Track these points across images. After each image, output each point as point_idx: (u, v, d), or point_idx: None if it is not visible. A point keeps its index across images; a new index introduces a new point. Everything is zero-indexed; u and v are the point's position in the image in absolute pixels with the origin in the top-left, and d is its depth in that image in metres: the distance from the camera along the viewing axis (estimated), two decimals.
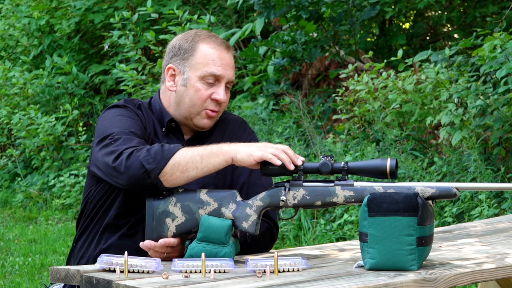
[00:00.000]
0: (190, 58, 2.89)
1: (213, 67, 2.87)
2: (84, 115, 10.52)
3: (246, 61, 9.18)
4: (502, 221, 3.36)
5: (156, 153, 2.63)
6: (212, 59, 2.87)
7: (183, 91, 2.89)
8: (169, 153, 2.64)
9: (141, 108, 2.95)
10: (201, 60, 2.88)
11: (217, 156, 2.64)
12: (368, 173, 2.54)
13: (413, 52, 8.90)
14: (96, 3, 10.37)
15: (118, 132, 2.75)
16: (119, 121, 2.82)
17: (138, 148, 2.67)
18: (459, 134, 5.94)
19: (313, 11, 8.25)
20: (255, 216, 2.62)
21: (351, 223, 6.28)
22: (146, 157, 2.63)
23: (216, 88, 2.88)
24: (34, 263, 6.33)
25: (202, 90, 2.87)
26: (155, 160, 2.62)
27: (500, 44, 5.86)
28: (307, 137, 7.78)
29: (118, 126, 2.79)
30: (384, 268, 2.40)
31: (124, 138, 2.73)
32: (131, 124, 2.82)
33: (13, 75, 10.16)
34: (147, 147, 2.66)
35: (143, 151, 2.64)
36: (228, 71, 2.90)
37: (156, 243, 2.65)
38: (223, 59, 2.89)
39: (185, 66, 2.89)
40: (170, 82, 2.93)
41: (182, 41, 2.93)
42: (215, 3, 10.47)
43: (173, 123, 2.94)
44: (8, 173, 10.28)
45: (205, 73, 2.87)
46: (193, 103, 2.88)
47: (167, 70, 2.93)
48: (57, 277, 2.45)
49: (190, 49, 2.90)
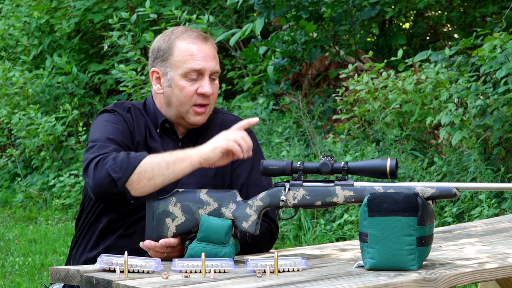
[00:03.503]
0: (169, 58, 2.88)
1: (193, 62, 2.85)
2: (84, 115, 10.52)
3: (246, 61, 9.18)
4: (502, 221, 3.36)
5: (122, 162, 2.63)
6: (190, 54, 2.86)
7: (169, 92, 2.89)
8: (135, 161, 2.63)
9: (131, 111, 2.93)
10: (180, 58, 2.86)
11: (183, 161, 2.64)
12: (368, 173, 2.54)
13: (413, 52, 8.90)
14: (96, 3, 10.37)
15: (95, 139, 2.76)
16: (102, 128, 2.82)
17: (105, 156, 2.66)
18: (459, 134, 5.94)
19: (313, 11, 8.25)
20: (255, 216, 2.62)
21: (351, 223, 6.28)
22: (112, 166, 2.62)
23: (200, 82, 2.87)
24: (34, 263, 6.33)
25: (187, 87, 2.86)
26: (121, 168, 2.62)
27: (500, 44, 5.86)
28: (307, 137, 7.78)
29: (98, 133, 2.79)
30: (384, 268, 2.40)
31: (98, 145, 2.73)
32: (112, 131, 2.81)
33: (13, 75, 10.15)
34: (113, 156, 2.65)
35: (109, 160, 2.64)
36: (209, 63, 2.87)
37: (156, 243, 2.65)
38: (202, 52, 2.87)
39: (167, 67, 2.88)
40: (156, 85, 2.92)
41: (160, 42, 2.91)
42: (215, 3, 10.47)
43: (167, 124, 2.93)
44: (8, 173, 10.28)
45: (186, 70, 2.85)
46: (181, 102, 2.87)
47: (152, 74, 2.93)
48: (57, 277, 2.45)
49: (168, 49, 2.88)
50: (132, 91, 8.78)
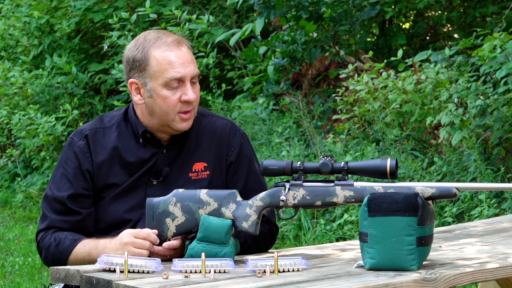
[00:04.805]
0: (147, 69, 2.81)
1: (172, 71, 2.79)
2: (84, 115, 10.52)
3: (246, 61, 9.18)
4: (502, 221, 3.36)
5: (53, 255, 2.81)
6: (168, 62, 2.79)
7: (151, 102, 2.83)
8: (64, 256, 2.79)
9: (88, 137, 2.90)
10: (158, 68, 2.80)
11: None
12: (368, 173, 2.54)
13: (413, 52, 8.90)
14: (96, 3, 10.36)
15: (46, 197, 2.88)
16: (57, 179, 2.89)
17: (43, 237, 2.83)
18: (459, 134, 5.94)
19: (313, 11, 8.25)
20: (255, 216, 2.62)
21: (351, 223, 6.28)
22: (47, 259, 2.84)
23: (182, 89, 2.81)
24: (34, 263, 6.33)
25: (169, 96, 2.80)
26: (55, 262, 2.79)
27: (500, 44, 5.86)
28: (307, 137, 7.78)
29: (52, 185, 2.89)
30: (384, 268, 2.40)
31: (44, 206, 2.88)
32: (62, 186, 2.86)
33: (13, 75, 10.15)
34: (48, 243, 2.81)
35: (44, 249, 2.83)
36: (188, 68, 2.81)
37: (160, 248, 2.65)
38: (179, 58, 2.80)
39: (145, 77, 2.82)
40: (137, 96, 2.86)
41: (134, 52, 2.84)
42: (215, 3, 10.46)
43: (147, 134, 2.89)
44: (8, 173, 10.28)
45: (167, 79, 2.79)
46: (165, 111, 2.82)
47: (130, 85, 2.87)
48: (57, 277, 2.45)
49: (144, 59, 2.81)
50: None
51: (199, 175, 2.88)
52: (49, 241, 2.81)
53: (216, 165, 2.90)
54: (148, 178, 2.88)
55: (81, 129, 2.94)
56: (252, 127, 8.22)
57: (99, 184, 2.87)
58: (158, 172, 2.87)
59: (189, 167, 2.89)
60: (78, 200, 2.85)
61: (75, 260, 2.76)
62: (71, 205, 2.84)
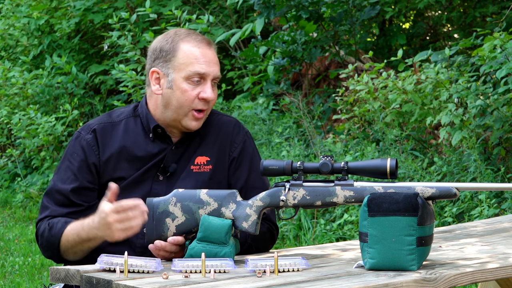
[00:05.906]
0: (172, 60, 2.85)
1: (197, 66, 2.83)
2: (84, 115, 10.52)
3: (246, 61, 9.18)
4: (502, 221, 3.36)
5: (48, 240, 2.82)
6: (195, 57, 2.84)
7: (169, 94, 2.86)
8: (56, 239, 2.79)
9: (96, 132, 2.91)
10: (184, 60, 2.84)
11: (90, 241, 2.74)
12: (368, 173, 2.54)
13: (413, 52, 8.90)
14: (96, 3, 10.36)
15: (49, 189, 2.90)
16: (61, 172, 2.90)
17: (40, 226, 2.84)
18: (459, 134, 5.94)
19: (313, 11, 8.25)
20: (255, 216, 2.62)
21: (351, 223, 6.28)
22: (42, 245, 2.85)
23: (202, 87, 2.85)
24: (34, 263, 6.33)
25: (188, 90, 2.84)
26: (49, 249, 2.82)
27: (500, 44, 5.86)
28: (307, 137, 7.78)
29: (56, 176, 2.91)
30: (384, 268, 2.40)
31: (45, 202, 2.88)
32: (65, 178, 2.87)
33: (13, 75, 10.15)
34: (42, 229, 2.82)
35: (39, 236, 2.84)
36: (213, 68, 2.86)
37: (165, 243, 2.64)
38: (206, 56, 2.85)
39: (169, 68, 2.86)
40: (155, 86, 2.89)
41: (163, 42, 2.89)
42: (215, 3, 10.46)
43: (159, 129, 2.91)
44: (8, 173, 10.28)
45: (190, 73, 2.83)
46: (181, 105, 2.85)
47: (151, 74, 2.90)
48: (57, 277, 2.45)
49: (171, 50, 2.86)
50: (132, 91, 8.78)
51: (201, 168, 2.90)
52: (44, 227, 2.83)
53: (219, 161, 2.92)
54: (155, 172, 2.89)
55: (89, 123, 2.96)
56: (252, 127, 8.22)
57: (105, 178, 2.88)
58: (165, 168, 2.89)
59: (192, 161, 2.91)
60: (81, 193, 2.87)
61: (66, 242, 2.76)
62: (74, 198, 2.86)
